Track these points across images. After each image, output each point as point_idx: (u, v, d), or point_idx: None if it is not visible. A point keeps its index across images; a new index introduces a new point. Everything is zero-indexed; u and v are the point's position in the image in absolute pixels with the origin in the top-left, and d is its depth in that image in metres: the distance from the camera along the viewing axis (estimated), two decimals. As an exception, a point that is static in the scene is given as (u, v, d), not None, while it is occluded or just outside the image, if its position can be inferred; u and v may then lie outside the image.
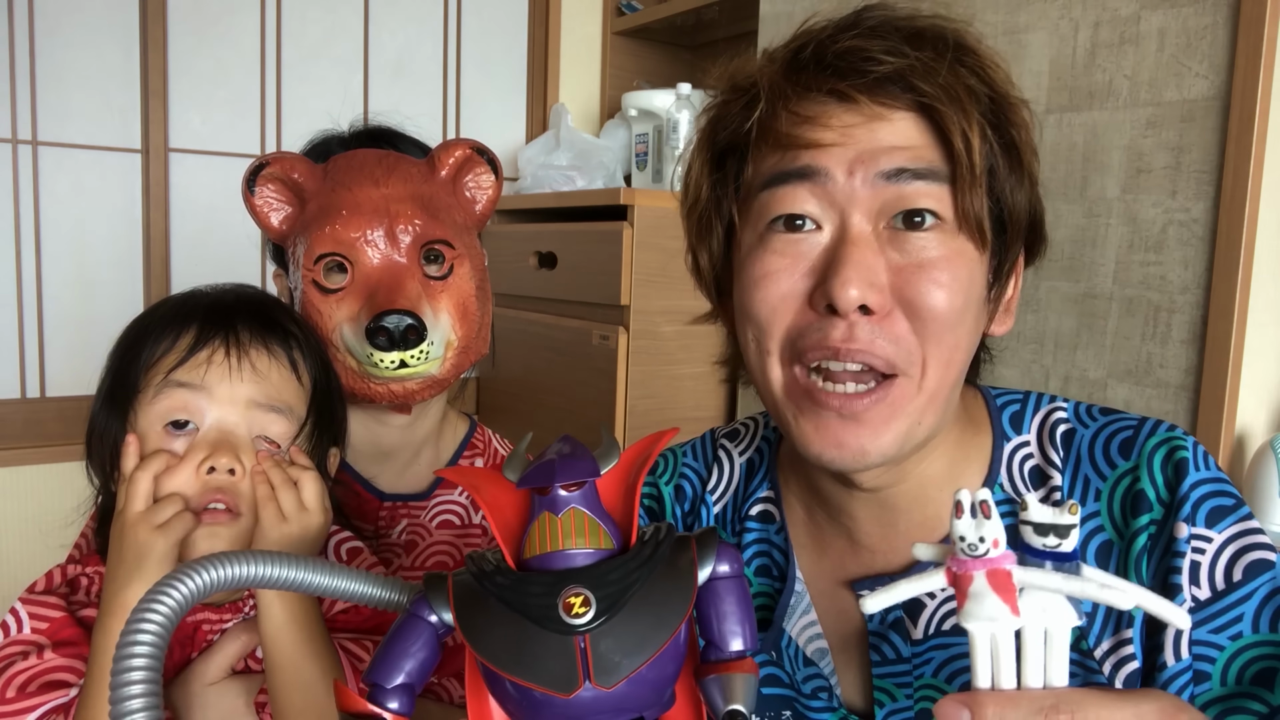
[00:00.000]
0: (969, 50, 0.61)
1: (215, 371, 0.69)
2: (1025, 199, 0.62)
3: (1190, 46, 1.18)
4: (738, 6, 2.17)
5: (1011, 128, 0.61)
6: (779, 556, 0.72)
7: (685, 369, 1.83)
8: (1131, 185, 1.25)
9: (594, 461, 0.47)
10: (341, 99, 2.25)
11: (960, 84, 0.59)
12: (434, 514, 0.94)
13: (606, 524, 0.46)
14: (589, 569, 0.44)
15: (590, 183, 2.21)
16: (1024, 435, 0.67)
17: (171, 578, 0.43)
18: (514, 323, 2.04)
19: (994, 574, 0.42)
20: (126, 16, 1.99)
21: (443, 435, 0.98)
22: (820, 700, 0.68)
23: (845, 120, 0.59)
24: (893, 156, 0.58)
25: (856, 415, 0.59)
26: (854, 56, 0.59)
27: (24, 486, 1.94)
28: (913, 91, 0.59)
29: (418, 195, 0.83)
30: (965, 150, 0.58)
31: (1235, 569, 0.59)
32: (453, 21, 2.39)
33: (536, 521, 0.45)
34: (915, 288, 0.58)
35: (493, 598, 0.44)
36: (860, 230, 0.59)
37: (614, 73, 2.56)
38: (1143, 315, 1.24)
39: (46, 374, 1.99)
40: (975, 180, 0.58)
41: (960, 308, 0.59)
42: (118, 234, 2.04)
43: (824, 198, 0.60)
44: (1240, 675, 0.58)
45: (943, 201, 0.59)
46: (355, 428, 0.91)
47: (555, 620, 0.42)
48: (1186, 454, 0.61)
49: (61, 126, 1.96)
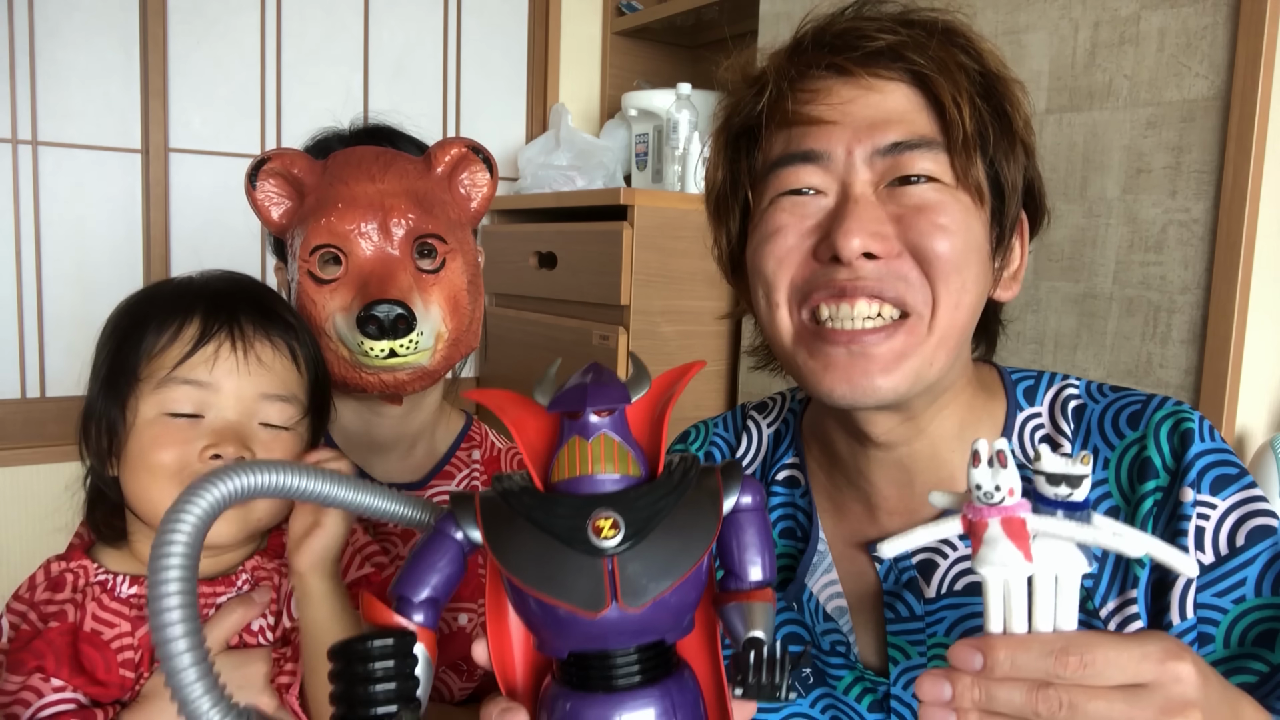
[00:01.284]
0: (959, 33, 0.65)
1: (222, 366, 0.70)
2: (1020, 167, 0.66)
3: (1190, 46, 1.18)
4: (738, 6, 2.16)
5: (1003, 100, 0.64)
6: (803, 519, 0.75)
7: (685, 369, 1.83)
8: (1131, 185, 1.25)
9: (625, 388, 0.47)
10: (341, 99, 2.25)
11: (950, 58, 0.63)
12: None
13: (635, 451, 0.47)
14: (618, 494, 0.45)
15: (590, 183, 2.21)
16: (1036, 407, 0.70)
17: (200, 484, 0.43)
18: (514, 323, 2.04)
19: (1009, 521, 0.43)
20: (126, 16, 1.99)
21: (438, 428, 0.99)
22: (839, 657, 0.70)
23: (843, 95, 0.63)
24: (887, 131, 0.62)
25: (866, 351, 0.62)
26: (850, 35, 0.64)
27: (24, 486, 1.94)
28: (904, 61, 0.63)
29: (412, 191, 0.85)
30: (957, 112, 0.61)
31: (1239, 534, 0.61)
32: (453, 21, 2.39)
33: (566, 445, 0.46)
34: (917, 229, 0.61)
35: (521, 517, 0.45)
36: (862, 190, 0.63)
37: (614, 73, 2.56)
38: (1143, 315, 1.24)
39: (46, 374, 1.99)
40: (968, 141, 0.62)
41: (962, 249, 0.62)
42: (118, 234, 2.04)
43: (827, 173, 0.64)
44: (1243, 637, 0.60)
45: (939, 163, 0.62)
46: (350, 418, 0.92)
47: (584, 541, 0.43)
48: (1192, 425, 0.63)
49: (61, 126, 1.96)
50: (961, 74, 0.62)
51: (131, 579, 0.72)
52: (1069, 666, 0.42)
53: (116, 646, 0.69)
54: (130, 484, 0.71)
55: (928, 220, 0.61)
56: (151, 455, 0.69)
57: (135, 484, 0.70)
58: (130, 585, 0.72)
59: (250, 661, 0.71)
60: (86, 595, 0.71)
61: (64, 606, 0.71)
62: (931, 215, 0.61)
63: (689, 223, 1.77)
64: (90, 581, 0.72)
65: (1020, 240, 0.69)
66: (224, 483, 0.44)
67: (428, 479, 0.96)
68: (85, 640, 0.69)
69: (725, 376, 1.89)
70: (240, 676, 0.69)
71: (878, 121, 0.62)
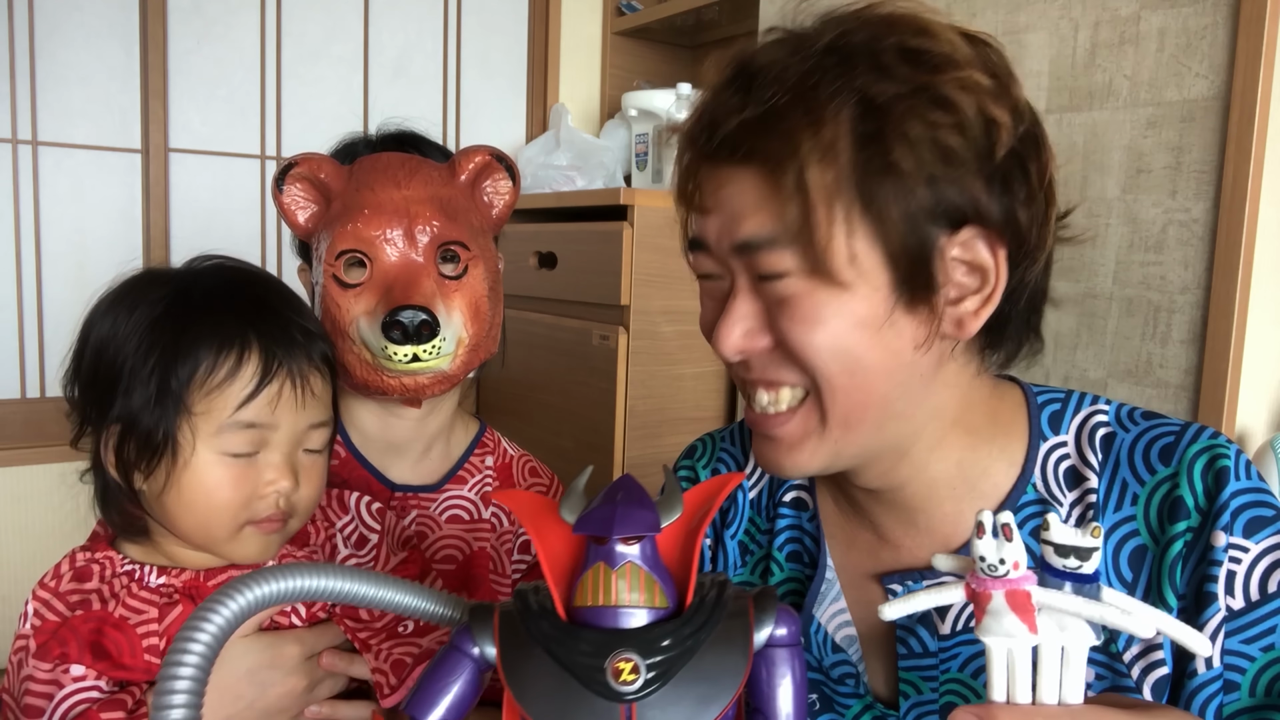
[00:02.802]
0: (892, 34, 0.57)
1: (284, 406, 0.71)
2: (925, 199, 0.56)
3: (1190, 46, 1.18)
4: (738, 6, 2.17)
5: (907, 121, 0.55)
6: (810, 544, 0.74)
7: (685, 369, 1.83)
8: (1131, 185, 1.25)
9: (655, 513, 0.45)
10: (341, 99, 2.25)
11: (808, 119, 0.55)
12: (443, 507, 0.96)
13: (663, 580, 0.45)
14: (641, 631, 0.43)
15: (590, 183, 2.21)
16: (1062, 435, 0.66)
17: (214, 600, 0.43)
18: (514, 323, 2.03)
19: (1013, 594, 0.42)
20: (126, 16, 1.99)
21: (454, 433, 1.00)
22: (848, 686, 0.69)
23: (714, 182, 0.62)
24: (740, 227, 0.60)
25: (770, 434, 0.63)
26: (711, 116, 0.61)
27: (24, 486, 1.94)
28: (742, 148, 0.58)
29: (437, 198, 0.86)
30: (801, 207, 0.56)
31: (1270, 580, 0.58)
32: (453, 21, 2.39)
33: (590, 570, 0.44)
34: (780, 326, 0.60)
35: (539, 647, 0.43)
36: (740, 284, 0.62)
37: (614, 73, 2.56)
38: (1143, 315, 1.24)
39: (46, 374, 1.99)
40: (814, 229, 0.56)
41: (833, 337, 0.58)
42: (118, 234, 2.04)
43: (716, 262, 0.64)
44: (1270, 687, 0.58)
45: (793, 259, 0.58)
46: (369, 420, 0.93)
47: (602, 684, 0.41)
48: (1229, 462, 0.60)
49: (61, 126, 1.96)
50: (824, 130, 0.55)
51: (159, 569, 0.73)
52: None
53: (143, 632, 0.70)
54: (179, 512, 0.71)
55: (787, 317, 0.59)
56: (216, 496, 0.70)
57: (188, 516, 0.71)
58: (159, 575, 0.73)
59: (283, 643, 0.72)
60: (115, 585, 0.72)
61: (90, 596, 0.71)
62: (791, 310, 0.59)
63: (689, 223, 1.76)
64: (117, 572, 0.73)
65: (993, 257, 0.59)
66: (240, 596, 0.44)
67: (442, 483, 0.97)
68: (111, 625, 0.69)
69: (725, 378, 1.89)
70: (272, 657, 0.71)
71: (734, 215, 0.60)
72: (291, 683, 0.72)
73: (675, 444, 1.77)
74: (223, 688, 0.68)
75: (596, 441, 1.80)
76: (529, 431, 2.01)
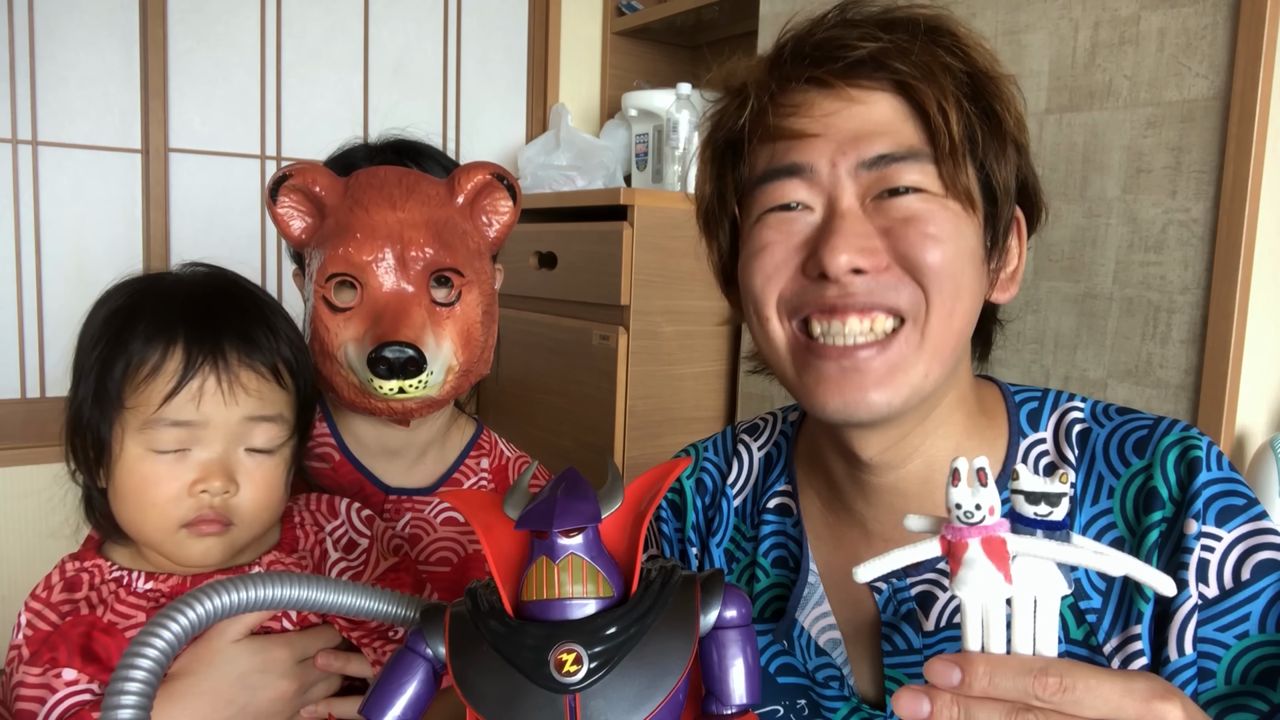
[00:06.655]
0: (945, 32, 0.64)
1: (209, 402, 0.69)
2: (1012, 167, 0.64)
3: (1190, 46, 1.18)
4: (738, 6, 2.17)
5: (992, 99, 0.63)
6: (794, 548, 0.74)
7: (685, 369, 1.83)
8: (1131, 185, 1.25)
9: (596, 504, 0.45)
10: (341, 99, 2.25)
11: (935, 61, 0.61)
12: (438, 510, 0.96)
13: (607, 569, 0.45)
14: (584, 622, 0.43)
15: (590, 183, 2.21)
16: (1041, 433, 0.68)
17: (167, 613, 0.44)
18: (514, 323, 2.03)
19: (989, 541, 0.42)
20: (126, 16, 1.99)
21: (449, 436, 0.99)
22: (833, 689, 0.69)
23: (826, 108, 0.62)
24: (873, 143, 0.61)
25: (858, 366, 0.61)
26: (829, 45, 0.62)
27: (24, 486, 1.94)
28: (886, 70, 0.61)
29: (432, 221, 0.84)
30: (943, 121, 0.60)
31: (1244, 568, 0.59)
32: (453, 21, 2.39)
33: (534, 565, 0.44)
34: (907, 240, 0.61)
35: (486, 644, 0.43)
36: (849, 205, 0.62)
37: (614, 73, 2.56)
38: (1143, 315, 1.24)
39: (46, 374, 1.99)
40: (955, 148, 0.60)
41: (953, 257, 0.61)
42: (118, 234, 2.04)
43: (813, 187, 0.63)
44: (1245, 674, 0.58)
45: (926, 175, 0.61)
46: (362, 426, 0.93)
47: (546, 677, 0.41)
48: (1200, 453, 0.61)
49: (61, 126, 1.96)
50: (947, 77, 0.61)
51: (147, 575, 0.73)
52: (1048, 688, 0.41)
53: (130, 637, 0.69)
54: (120, 510, 0.71)
55: (917, 231, 0.60)
56: (143, 494, 0.69)
57: (126, 513, 0.71)
58: (146, 581, 0.73)
59: (273, 647, 0.72)
60: (103, 591, 0.72)
61: (80, 605, 0.71)
62: (920, 226, 0.60)
63: (689, 223, 1.75)
64: (106, 578, 0.73)
65: (1018, 240, 0.68)
66: (192, 609, 0.44)
67: (437, 485, 0.97)
68: (100, 629, 0.69)
69: (725, 378, 1.89)
70: (263, 661, 0.71)
71: (862, 134, 0.61)
72: (283, 686, 0.71)
73: (675, 444, 1.77)
74: (213, 692, 0.68)
75: (596, 441, 1.80)
76: (529, 431, 2.01)
